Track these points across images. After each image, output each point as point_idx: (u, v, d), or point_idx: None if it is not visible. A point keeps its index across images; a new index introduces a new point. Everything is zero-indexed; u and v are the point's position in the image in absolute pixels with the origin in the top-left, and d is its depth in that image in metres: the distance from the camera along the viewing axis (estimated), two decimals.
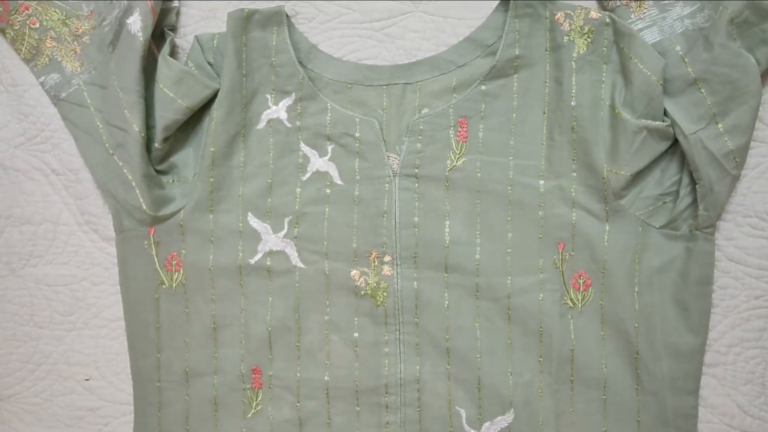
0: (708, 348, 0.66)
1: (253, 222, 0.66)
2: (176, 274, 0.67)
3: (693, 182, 0.62)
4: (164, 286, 0.67)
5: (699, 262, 0.63)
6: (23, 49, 0.70)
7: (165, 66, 0.65)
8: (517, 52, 0.65)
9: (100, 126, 0.67)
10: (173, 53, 0.69)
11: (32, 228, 0.73)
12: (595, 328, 0.64)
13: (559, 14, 0.64)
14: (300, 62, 0.67)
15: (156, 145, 0.66)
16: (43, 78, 0.70)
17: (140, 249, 0.67)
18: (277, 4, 0.68)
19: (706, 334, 0.64)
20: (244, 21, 0.66)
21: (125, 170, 0.65)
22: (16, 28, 0.70)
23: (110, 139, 0.66)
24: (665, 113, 0.61)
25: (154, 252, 0.67)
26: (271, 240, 0.66)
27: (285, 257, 0.66)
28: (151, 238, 0.67)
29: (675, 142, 0.62)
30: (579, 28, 0.63)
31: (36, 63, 0.70)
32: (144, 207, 0.65)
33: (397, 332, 0.65)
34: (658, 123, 0.61)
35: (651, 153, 0.61)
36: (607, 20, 0.62)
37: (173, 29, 0.70)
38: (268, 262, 0.66)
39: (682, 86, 0.61)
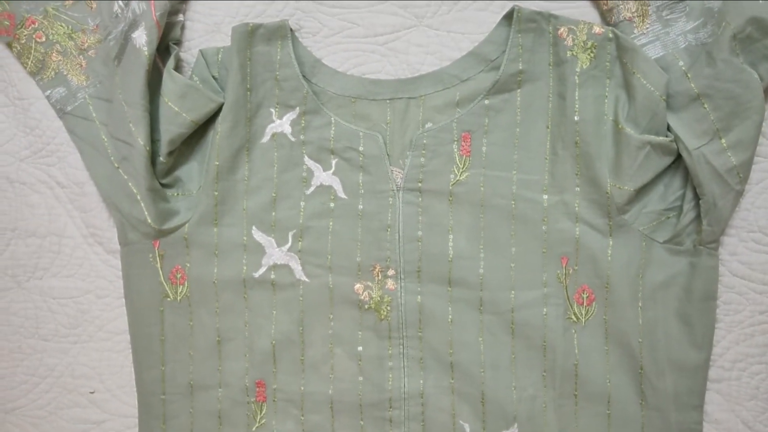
0: (712, 363, 0.66)
1: (257, 235, 0.67)
2: (181, 287, 0.67)
3: (696, 197, 0.62)
4: (169, 299, 0.67)
5: (703, 278, 0.63)
6: (29, 62, 0.70)
7: (170, 80, 0.65)
8: (520, 67, 0.65)
9: (105, 139, 0.67)
10: (178, 67, 0.69)
11: (37, 241, 0.73)
12: (598, 342, 0.64)
13: (562, 29, 0.64)
14: (304, 76, 0.68)
15: (161, 158, 0.66)
16: (49, 91, 0.70)
17: (145, 262, 0.67)
18: (282, 19, 0.68)
19: (710, 349, 0.64)
20: (249, 35, 0.66)
21: (130, 183, 0.65)
22: (23, 42, 0.70)
23: (115, 153, 0.67)
24: (668, 128, 0.62)
25: (158, 265, 0.67)
26: (275, 253, 0.67)
27: (289, 271, 0.66)
28: (156, 251, 0.67)
29: (678, 157, 0.62)
30: (582, 43, 0.63)
31: (42, 77, 0.70)
32: (149, 220, 0.65)
33: (401, 346, 0.65)
34: (661, 138, 0.61)
35: (654, 168, 0.61)
36: (610, 35, 0.63)
37: (178, 43, 0.70)
38: (272, 276, 0.66)
39: (685, 101, 0.61)
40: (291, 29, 0.68)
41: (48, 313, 0.73)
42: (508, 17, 0.66)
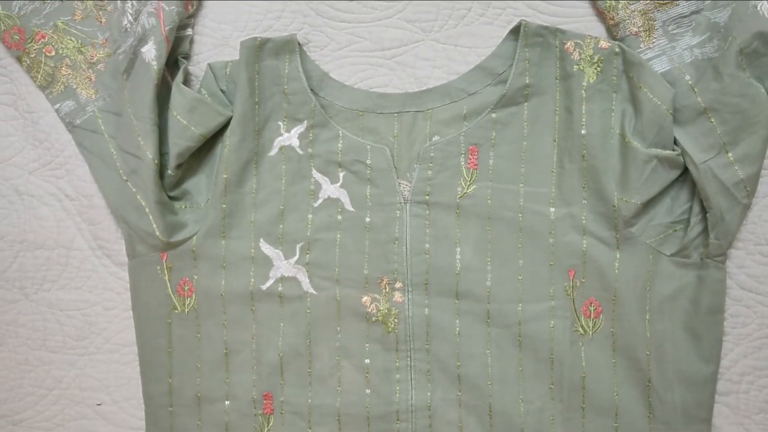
0: (720, 376, 0.66)
1: (265, 248, 0.67)
2: (188, 299, 0.67)
3: (704, 210, 0.62)
4: (176, 311, 0.67)
5: (710, 290, 0.63)
6: (39, 76, 0.71)
7: (178, 94, 0.65)
8: (527, 81, 0.65)
9: (114, 152, 0.68)
10: (187, 81, 0.70)
11: (46, 253, 0.73)
12: (606, 355, 0.64)
13: (568, 43, 0.64)
14: (312, 90, 0.68)
15: (169, 171, 0.66)
16: (59, 105, 0.71)
17: (153, 274, 0.67)
18: (290, 33, 0.69)
19: (718, 362, 0.64)
20: (257, 49, 0.67)
21: (138, 196, 0.66)
22: (33, 56, 0.71)
23: (124, 166, 0.67)
24: (675, 142, 0.62)
25: (166, 277, 0.67)
26: (283, 266, 0.67)
27: (296, 283, 0.67)
28: (164, 264, 0.67)
29: (685, 171, 0.62)
30: (589, 57, 0.64)
31: (51, 90, 0.71)
32: (157, 233, 0.65)
33: (408, 359, 0.65)
34: (668, 152, 0.61)
35: (661, 181, 0.62)
36: (617, 49, 0.63)
37: (187, 57, 0.71)
38: (280, 288, 0.67)
39: (692, 115, 0.61)
40: (299, 43, 0.68)
41: (56, 325, 0.73)
42: (515, 32, 0.67)
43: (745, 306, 0.67)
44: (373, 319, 0.66)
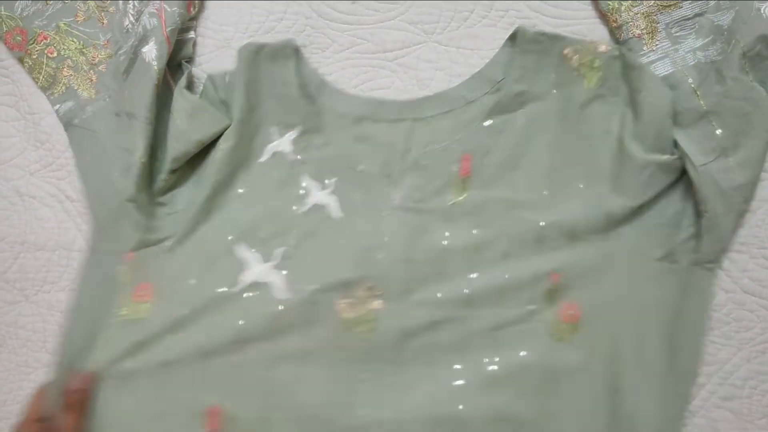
0: (723, 381, 0.65)
1: (243, 251, 0.65)
2: (143, 304, 0.64)
3: (695, 214, 0.61)
4: (128, 317, 0.64)
5: (695, 300, 0.61)
6: (41, 77, 0.71)
7: (181, 98, 0.65)
8: (523, 88, 0.64)
9: (108, 152, 0.66)
10: (190, 86, 0.69)
11: (46, 254, 0.73)
12: (584, 362, 0.61)
13: (567, 49, 0.64)
14: (308, 96, 0.67)
15: (162, 176, 0.65)
16: (59, 105, 0.71)
17: (110, 274, 0.64)
18: (290, 36, 0.68)
19: (693, 378, 0.62)
20: (254, 54, 0.66)
21: (126, 194, 0.64)
22: (34, 57, 0.71)
23: (119, 162, 0.65)
24: (675, 144, 0.61)
25: (126, 280, 0.64)
26: (260, 269, 0.64)
27: (271, 287, 0.63)
28: (126, 264, 0.65)
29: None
30: (588, 62, 0.63)
31: (53, 91, 0.71)
32: (138, 229, 0.64)
33: (379, 370, 0.62)
34: (666, 157, 0.60)
35: (658, 186, 0.61)
36: (616, 53, 0.63)
37: (190, 61, 0.71)
38: (251, 294, 0.63)
39: (694, 118, 0.61)
40: (296, 48, 0.68)
41: (56, 326, 0.73)
42: (514, 38, 0.66)
43: (748, 310, 0.66)
44: (348, 325, 0.62)
